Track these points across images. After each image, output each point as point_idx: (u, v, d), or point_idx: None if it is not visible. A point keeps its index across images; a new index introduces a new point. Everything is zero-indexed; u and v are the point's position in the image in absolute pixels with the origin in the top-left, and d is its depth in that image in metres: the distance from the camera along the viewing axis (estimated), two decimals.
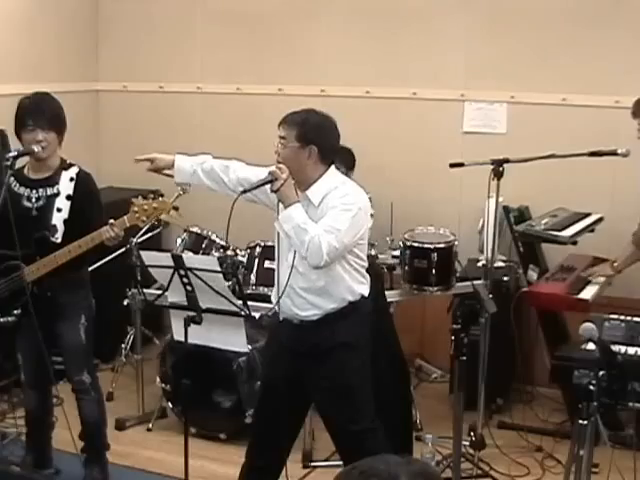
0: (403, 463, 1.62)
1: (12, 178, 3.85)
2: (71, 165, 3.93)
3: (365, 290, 3.54)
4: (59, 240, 3.79)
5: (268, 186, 3.40)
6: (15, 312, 3.85)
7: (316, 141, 3.42)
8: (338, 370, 3.46)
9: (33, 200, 3.86)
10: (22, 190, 3.89)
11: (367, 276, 3.57)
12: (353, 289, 3.48)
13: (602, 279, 4.54)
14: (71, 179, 3.87)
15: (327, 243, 3.28)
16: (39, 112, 3.80)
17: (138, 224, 3.73)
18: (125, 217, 3.69)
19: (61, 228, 3.80)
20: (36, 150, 3.76)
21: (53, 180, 3.87)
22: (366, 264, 3.56)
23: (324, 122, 3.50)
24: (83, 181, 3.90)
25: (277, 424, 3.56)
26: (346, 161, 4.61)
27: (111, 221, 3.70)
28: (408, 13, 5.54)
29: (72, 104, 4.25)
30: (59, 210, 3.82)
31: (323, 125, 3.49)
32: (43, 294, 3.82)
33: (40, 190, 3.87)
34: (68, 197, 3.84)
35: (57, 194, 3.84)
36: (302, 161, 3.42)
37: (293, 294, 3.45)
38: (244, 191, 3.40)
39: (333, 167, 3.51)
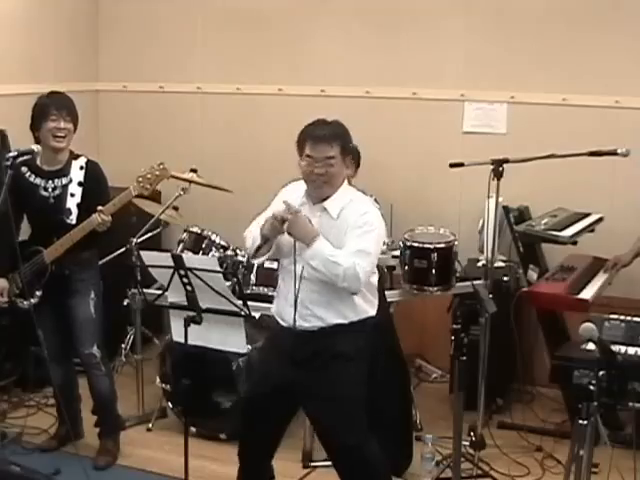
0: None
1: (25, 168, 4.19)
2: (79, 155, 4.25)
3: (373, 311, 3.49)
4: (74, 222, 4.11)
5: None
6: (37, 293, 4.17)
7: (349, 150, 3.41)
8: (335, 380, 3.39)
9: (49, 190, 4.16)
10: (38, 181, 4.18)
11: (377, 295, 3.53)
12: (361, 308, 3.43)
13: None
14: (81, 167, 4.20)
15: (362, 269, 3.27)
16: (61, 104, 4.13)
17: (143, 192, 4.05)
18: (131, 187, 4.02)
19: (75, 211, 4.13)
20: (36, 150, 3.94)
21: (65, 170, 4.18)
22: (377, 275, 3.52)
23: (345, 128, 3.44)
24: (92, 168, 4.23)
25: (261, 429, 3.55)
26: (356, 160, 4.59)
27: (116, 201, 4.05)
28: (408, 13, 5.54)
29: None
30: (72, 195, 4.15)
31: (347, 131, 3.44)
32: (61, 273, 4.15)
33: (56, 180, 4.17)
34: (80, 183, 4.17)
35: (70, 182, 4.16)
36: (343, 173, 3.41)
37: (299, 305, 3.40)
38: (258, 248, 3.42)
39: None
